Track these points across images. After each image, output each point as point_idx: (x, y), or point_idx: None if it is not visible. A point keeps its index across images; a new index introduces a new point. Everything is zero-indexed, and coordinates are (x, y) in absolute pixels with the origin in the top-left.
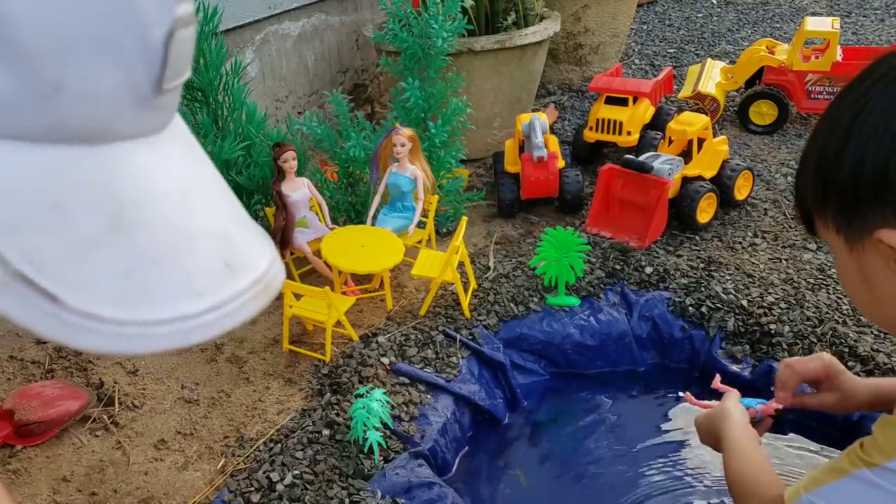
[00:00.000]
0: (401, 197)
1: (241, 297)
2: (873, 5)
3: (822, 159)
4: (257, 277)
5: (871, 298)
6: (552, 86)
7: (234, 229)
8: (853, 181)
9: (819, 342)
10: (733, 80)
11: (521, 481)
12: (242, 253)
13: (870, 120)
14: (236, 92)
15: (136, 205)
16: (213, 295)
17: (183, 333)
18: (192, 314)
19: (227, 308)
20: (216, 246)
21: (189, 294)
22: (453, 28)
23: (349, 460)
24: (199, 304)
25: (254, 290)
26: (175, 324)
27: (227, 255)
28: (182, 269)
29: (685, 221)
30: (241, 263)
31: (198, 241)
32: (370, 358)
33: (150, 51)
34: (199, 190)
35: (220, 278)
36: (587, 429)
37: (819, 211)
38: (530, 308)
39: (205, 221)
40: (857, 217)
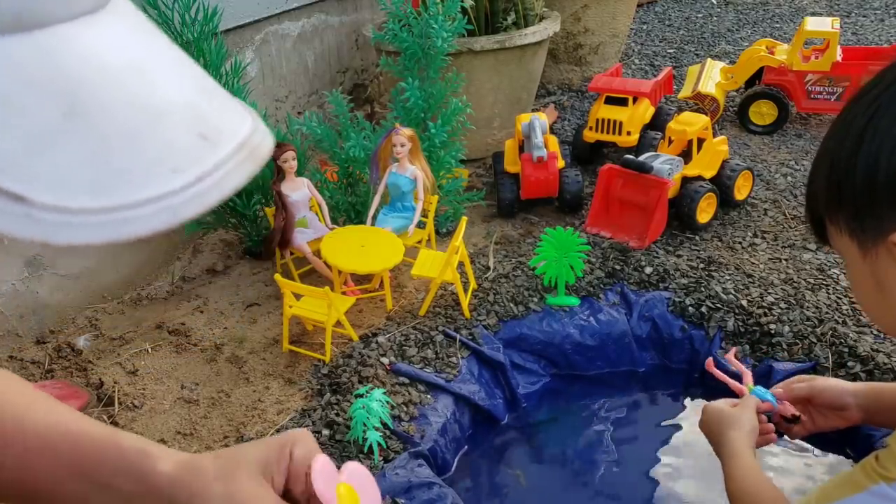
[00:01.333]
0: (401, 197)
1: (225, 167)
2: (873, 5)
3: (834, 165)
4: (240, 143)
5: (883, 305)
6: (552, 86)
7: (202, 99)
8: (867, 185)
9: (819, 342)
10: (733, 80)
11: (521, 481)
12: (217, 122)
13: (882, 124)
14: (236, 92)
15: (90, 85)
16: (192, 169)
17: (170, 210)
18: (174, 190)
19: (211, 179)
20: (186, 118)
21: (165, 171)
22: (453, 28)
23: (349, 460)
24: (179, 179)
25: (238, 157)
26: (159, 202)
27: (200, 127)
28: (153, 147)
29: (685, 221)
30: (218, 132)
31: (164, 116)
32: (370, 358)
33: None
34: (157, 63)
35: (196, 151)
36: (587, 429)
37: (832, 217)
38: (530, 308)
39: (169, 94)
40: (872, 221)
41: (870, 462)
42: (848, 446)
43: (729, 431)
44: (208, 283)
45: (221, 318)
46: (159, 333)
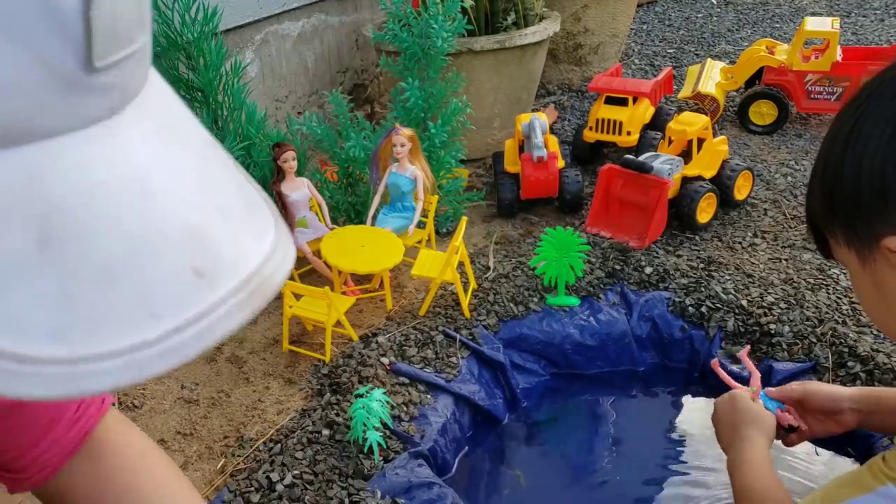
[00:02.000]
0: (401, 197)
1: (218, 310)
2: (873, 5)
3: (824, 173)
4: (243, 280)
5: (888, 313)
6: (552, 86)
7: (213, 221)
8: (855, 191)
9: (819, 342)
10: (733, 80)
11: (521, 481)
12: (222, 251)
13: (865, 128)
14: (236, 92)
15: (73, 212)
16: (176, 314)
17: (135, 366)
18: (146, 342)
19: (197, 327)
20: (182, 249)
21: (143, 317)
22: (453, 28)
23: (349, 460)
24: (155, 328)
25: (238, 298)
26: (125, 356)
27: (199, 260)
28: (133, 286)
29: (685, 221)
30: (219, 267)
31: (156, 247)
32: (370, 358)
33: (64, 20)
34: (167, 178)
35: (186, 291)
36: (587, 429)
37: (829, 228)
38: (530, 308)
39: (168, 219)
40: (864, 227)
41: (877, 462)
42: (849, 446)
43: (749, 428)
44: None
45: None
46: None
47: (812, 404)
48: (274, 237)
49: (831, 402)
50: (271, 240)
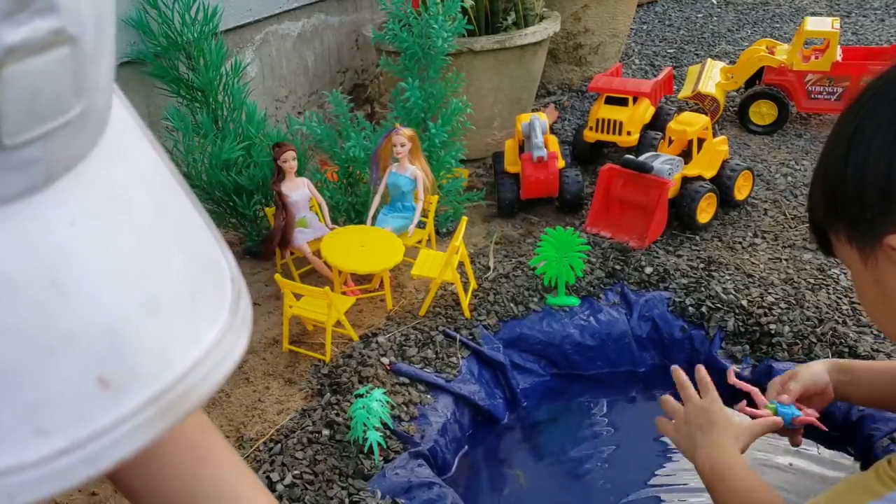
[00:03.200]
0: (401, 197)
1: (119, 429)
2: (873, 5)
3: (827, 174)
4: (158, 392)
5: (886, 310)
6: (552, 86)
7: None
8: (858, 191)
9: (819, 342)
10: (733, 80)
11: (521, 481)
12: (139, 359)
13: (868, 130)
14: (236, 92)
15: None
16: (67, 430)
17: (5, 493)
18: (22, 464)
19: (88, 449)
20: (90, 356)
21: (25, 433)
22: (453, 28)
23: (349, 460)
24: (40, 447)
25: (145, 414)
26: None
27: (108, 369)
28: (22, 398)
29: (685, 221)
30: (133, 377)
31: (57, 353)
32: (370, 358)
33: None
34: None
35: (84, 405)
36: (587, 429)
37: (831, 226)
38: (530, 308)
39: (80, 320)
40: (867, 227)
41: (883, 467)
42: (849, 445)
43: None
44: None
45: None
46: None
47: (808, 392)
48: (221, 327)
49: (822, 384)
50: (216, 331)
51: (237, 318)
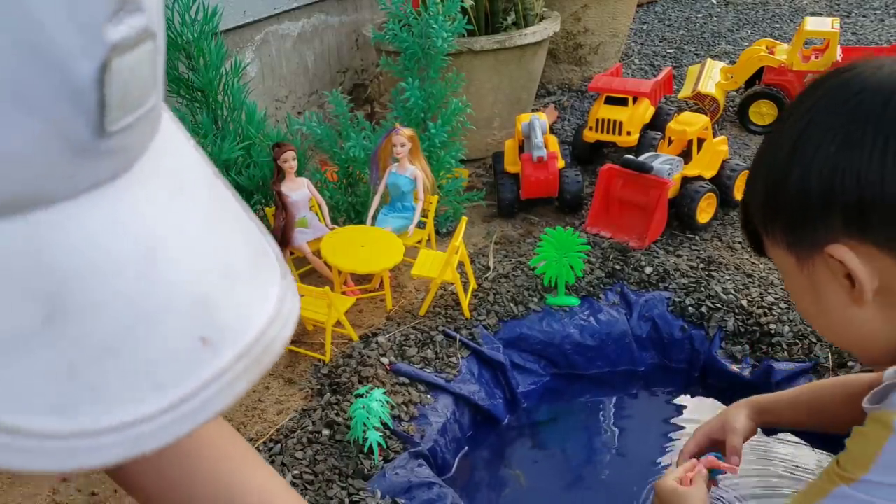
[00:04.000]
0: (401, 197)
1: (220, 380)
2: (873, 5)
3: (768, 178)
4: (248, 345)
5: (823, 316)
6: (552, 86)
7: (220, 287)
8: (801, 198)
9: (819, 342)
10: (733, 80)
11: (521, 481)
12: (228, 319)
13: (813, 138)
14: (236, 92)
15: (79, 281)
16: (180, 385)
17: (133, 442)
18: (146, 416)
19: (200, 398)
20: (189, 317)
21: (145, 389)
22: (453, 28)
23: (349, 460)
24: (160, 400)
25: (241, 364)
26: (123, 431)
27: (205, 327)
28: (137, 359)
29: (685, 221)
30: (225, 332)
31: (162, 317)
32: (370, 358)
33: (79, 91)
34: (174, 243)
35: (191, 361)
36: (587, 429)
37: (768, 229)
38: (530, 308)
39: (176, 289)
40: (807, 233)
41: (832, 467)
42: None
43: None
44: None
45: None
46: None
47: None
48: (279, 291)
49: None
50: (276, 296)
51: (287, 280)
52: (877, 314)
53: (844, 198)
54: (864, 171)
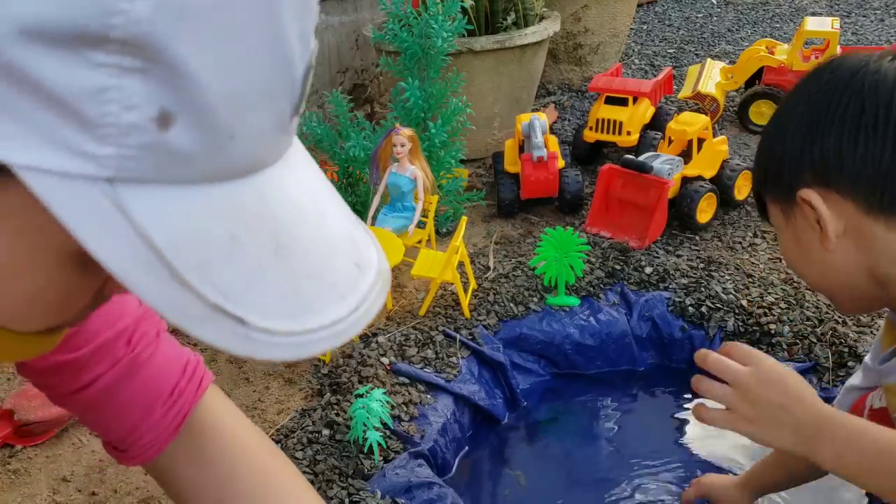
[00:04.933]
0: (401, 197)
1: (372, 293)
2: (873, 5)
3: (760, 151)
4: (378, 271)
5: (805, 260)
6: (552, 86)
7: (355, 229)
8: (780, 160)
9: (819, 342)
10: (733, 80)
11: (521, 481)
12: (364, 250)
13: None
14: None
15: (289, 224)
16: (352, 296)
17: (335, 336)
18: (341, 317)
19: (364, 306)
20: (347, 249)
21: (336, 299)
22: (453, 28)
23: (349, 460)
24: (344, 306)
25: (379, 284)
26: (330, 328)
27: (356, 256)
28: (329, 277)
29: (685, 221)
30: (365, 261)
31: (336, 249)
32: (370, 358)
33: (295, 87)
34: (325, 197)
35: (354, 279)
36: (587, 429)
37: (763, 191)
38: (530, 308)
39: (336, 228)
40: (786, 188)
41: None
42: None
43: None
44: None
45: None
46: None
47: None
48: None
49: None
50: (375, 244)
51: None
52: (847, 259)
53: (811, 158)
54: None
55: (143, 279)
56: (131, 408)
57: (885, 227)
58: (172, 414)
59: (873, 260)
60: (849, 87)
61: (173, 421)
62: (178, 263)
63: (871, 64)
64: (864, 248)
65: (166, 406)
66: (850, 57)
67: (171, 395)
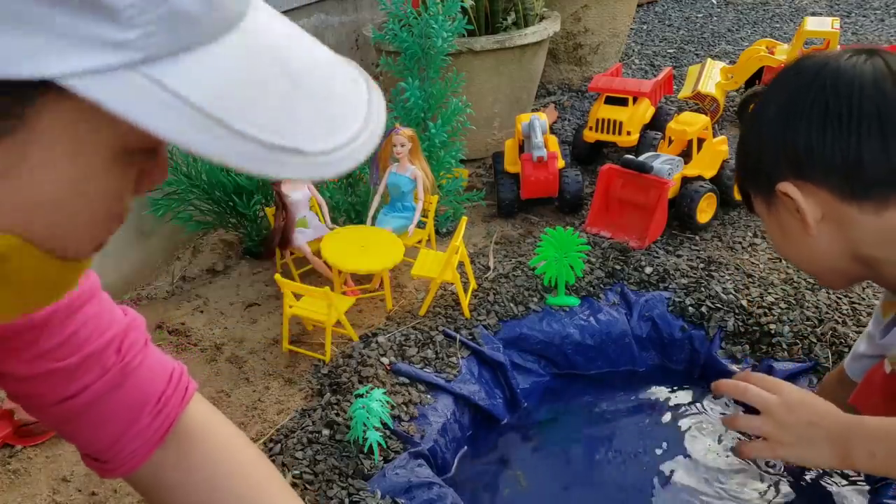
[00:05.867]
0: (401, 197)
1: (376, 109)
2: (873, 5)
3: (740, 148)
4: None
5: (791, 245)
6: (552, 86)
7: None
8: (759, 154)
9: (819, 342)
10: (733, 80)
11: (521, 481)
12: (348, 65)
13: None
14: None
15: (290, 56)
16: (360, 117)
17: (354, 154)
18: (355, 134)
19: (372, 123)
20: (343, 71)
21: (348, 120)
22: (453, 28)
23: (349, 460)
24: (355, 125)
25: (376, 100)
26: (348, 146)
27: (352, 74)
28: (341, 100)
29: (685, 221)
30: (355, 74)
31: (333, 68)
32: (370, 358)
33: None
34: (294, 27)
35: (358, 97)
36: (587, 429)
37: (749, 186)
38: (530, 308)
39: (321, 50)
40: (766, 180)
41: None
42: None
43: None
44: (208, 283)
45: (221, 318)
46: (159, 333)
47: None
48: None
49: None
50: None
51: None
52: (830, 242)
53: (786, 153)
54: (800, 136)
55: (203, 138)
56: (117, 417)
57: (858, 211)
58: (158, 422)
59: (854, 242)
60: (813, 86)
61: (159, 429)
62: (226, 116)
63: (830, 63)
64: (843, 231)
65: (152, 414)
66: (812, 56)
67: (158, 403)
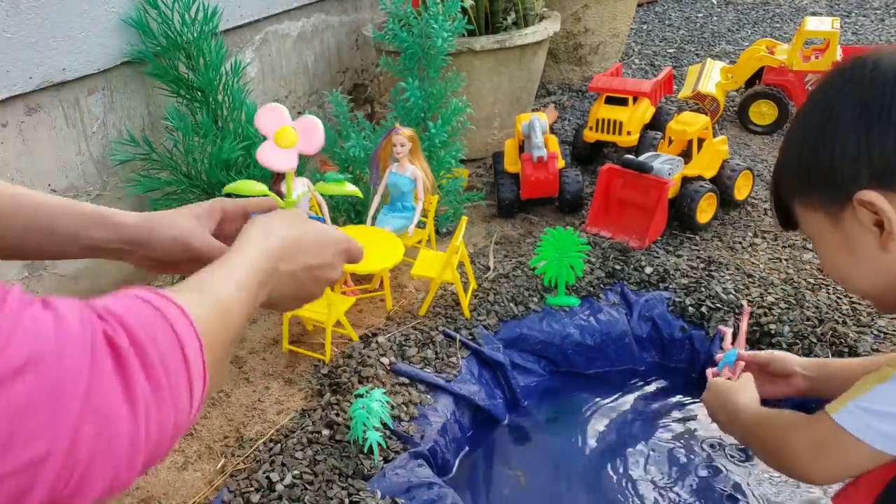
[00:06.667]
0: (401, 197)
1: None
2: (873, 5)
3: (801, 154)
4: None
5: (857, 268)
6: (552, 86)
7: None
8: (830, 161)
9: (819, 342)
10: (733, 80)
11: (521, 481)
12: None
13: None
14: (236, 92)
15: None
16: None
17: None
18: None
19: None
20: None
21: None
22: (453, 28)
23: (349, 460)
24: None
25: None
26: None
27: None
28: None
29: (685, 221)
30: None
31: None
32: (370, 358)
33: None
34: None
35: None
36: (587, 428)
37: (803, 197)
38: (530, 308)
39: None
40: (839, 191)
41: (893, 357)
42: None
43: (737, 397)
44: None
45: None
46: None
47: (771, 368)
48: None
49: (784, 366)
50: None
51: None
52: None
53: (870, 160)
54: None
55: None
56: None
57: None
58: None
59: None
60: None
61: None
62: None
63: None
64: None
65: None
66: (884, 54)
67: None
